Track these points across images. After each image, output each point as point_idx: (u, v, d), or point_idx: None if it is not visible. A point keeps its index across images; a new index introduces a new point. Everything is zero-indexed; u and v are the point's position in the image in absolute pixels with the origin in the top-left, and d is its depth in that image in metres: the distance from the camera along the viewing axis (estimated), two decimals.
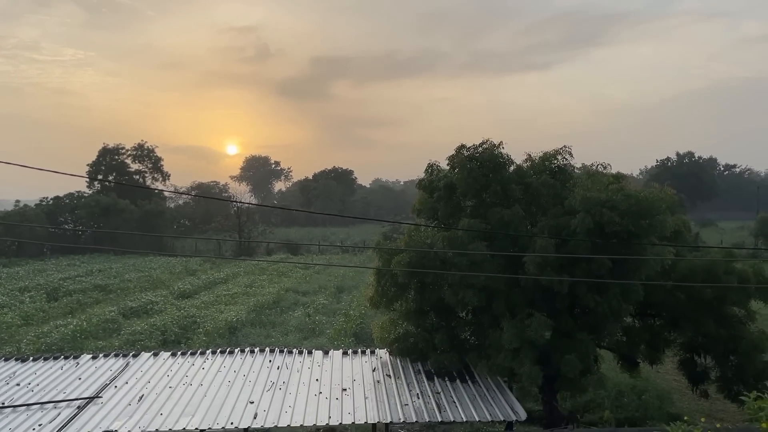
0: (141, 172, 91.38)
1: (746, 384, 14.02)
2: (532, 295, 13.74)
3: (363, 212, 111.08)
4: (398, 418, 12.32)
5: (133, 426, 11.33)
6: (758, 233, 63.18)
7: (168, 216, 79.51)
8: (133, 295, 36.98)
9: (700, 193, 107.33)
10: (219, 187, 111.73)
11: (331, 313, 32.52)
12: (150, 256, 57.07)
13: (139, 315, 31.65)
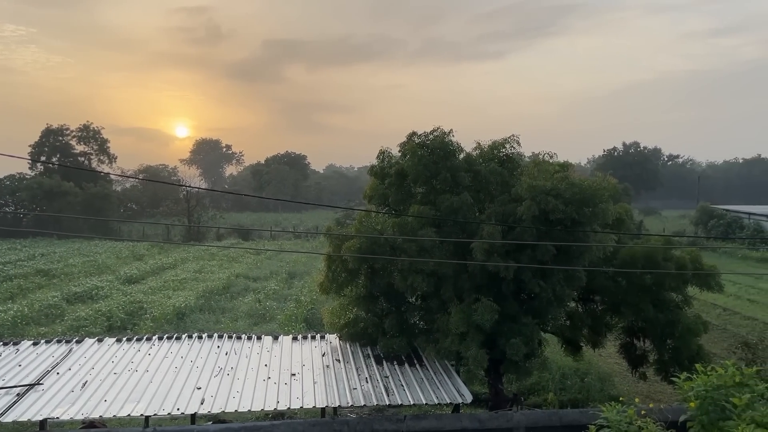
0: (86, 154, 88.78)
1: (682, 366, 14.61)
2: (479, 281, 14.00)
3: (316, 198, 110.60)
4: (347, 402, 12.42)
5: (76, 413, 11.11)
6: (698, 222, 65.54)
7: (114, 199, 77.53)
8: (78, 280, 36.07)
9: (645, 183, 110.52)
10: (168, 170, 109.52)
11: (282, 299, 32.41)
12: (95, 241, 55.64)
13: (84, 300, 30.91)
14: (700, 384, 6.26)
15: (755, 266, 46.87)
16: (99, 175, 75.93)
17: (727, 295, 32.94)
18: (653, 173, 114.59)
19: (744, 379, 6.33)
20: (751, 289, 36.58)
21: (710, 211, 65.28)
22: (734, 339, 23.48)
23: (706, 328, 15.59)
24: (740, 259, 50.26)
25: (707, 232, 60.80)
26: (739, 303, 33.17)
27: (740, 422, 5.67)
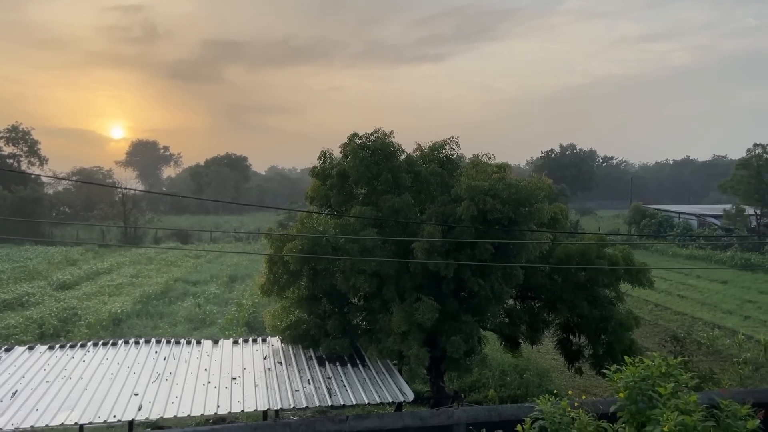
0: (15, 156, 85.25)
1: (615, 360, 15.13)
2: (421, 280, 14.17)
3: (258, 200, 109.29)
4: (288, 405, 12.36)
5: (6, 423, 10.69)
6: (631, 221, 67.90)
7: (46, 203, 74.66)
8: (7, 287, 34.56)
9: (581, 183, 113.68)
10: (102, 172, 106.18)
11: (223, 302, 31.93)
12: (26, 245, 53.47)
13: (14, 308, 29.67)
14: (628, 375, 6.53)
15: (684, 263, 48.93)
16: (29, 177, 72.99)
17: (658, 291, 34.32)
18: (589, 174, 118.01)
19: (669, 370, 6.64)
20: (681, 286, 38.16)
21: (642, 210, 67.77)
22: (665, 333, 24.45)
23: (637, 323, 16.21)
24: (670, 257, 52.34)
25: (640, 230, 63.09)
26: (670, 299, 34.57)
27: (665, 410, 5.95)
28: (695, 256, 50.86)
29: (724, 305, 32.47)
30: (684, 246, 54.68)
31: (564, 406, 6.55)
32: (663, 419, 5.80)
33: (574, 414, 6.56)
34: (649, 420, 6.11)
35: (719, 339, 24.88)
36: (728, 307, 31.93)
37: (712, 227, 59.70)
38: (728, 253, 49.01)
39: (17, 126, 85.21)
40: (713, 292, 36.06)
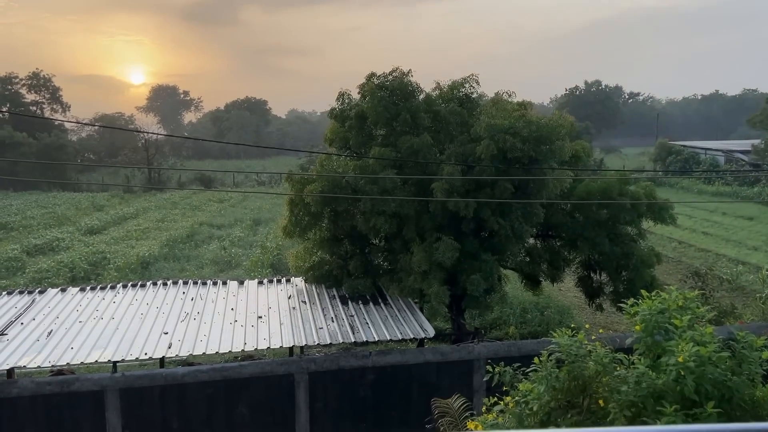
0: (38, 103, 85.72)
1: (636, 296, 15.20)
2: (440, 221, 14.24)
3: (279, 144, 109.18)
4: (313, 342, 12.72)
5: (43, 361, 11.18)
6: (656, 158, 66.80)
7: (70, 150, 75.50)
8: (37, 233, 35.41)
9: (606, 121, 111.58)
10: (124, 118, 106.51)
11: (247, 245, 32.41)
12: (53, 192, 54.39)
13: (45, 252, 30.47)
14: (645, 309, 6.58)
15: (710, 200, 48.32)
16: (53, 124, 73.55)
17: (682, 228, 34.05)
18: (614, 111, 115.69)
19: (686, 303, 6.67)
20: (706, 223, 37.78)
21: (668, 147, 66.54)
22: (688, 270, 24.39)
23: (659, 259, 16.21)
24: (696, 194, 51.64)
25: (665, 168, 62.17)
26: (694, 236, 34.30)
27: (681, 342, 6.02)
28: (721, 193, 50.12)
29: (750, 241, 32.16)
30: (710, 183, 53.85)
31: (580, 338, 6.66)
32: (678, 350, 5.88)
33: (590, 347, 6.67)
34: (664, 352, 6.19)
35: (743, 275, 24.78)
36: (753, 244, 31.63)
37: (739, 163, 58.58)
38: (755, 188, 48.22)
39: (38, 73, 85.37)
40: (738, 229, 35.67)
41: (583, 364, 6.50)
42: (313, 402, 12.44)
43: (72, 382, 11.39)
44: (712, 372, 5.91)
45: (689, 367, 5.80)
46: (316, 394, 12.48)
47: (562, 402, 6.63)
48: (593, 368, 6.48)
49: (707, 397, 5.94)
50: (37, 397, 11.11)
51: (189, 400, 11.92)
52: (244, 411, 12.12)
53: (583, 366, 6.49)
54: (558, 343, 6.64)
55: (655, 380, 5.98)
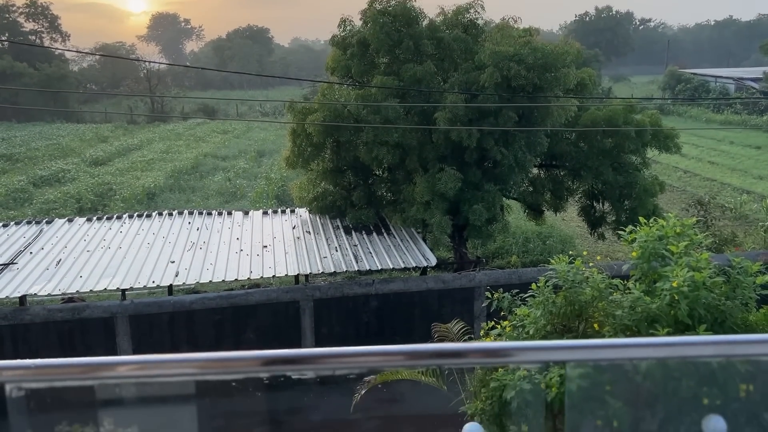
0: (37, 32, 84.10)
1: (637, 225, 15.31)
2: (443, 151, 14.19)
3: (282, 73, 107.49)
4: (318, 270, 12.95)
5: (53, 289, 11.44)
6: (665, 87, 65.66)
7: (72, 80, 74.62)
8: (43, 164, 35.50)
9: (616, 49, 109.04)
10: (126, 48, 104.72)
11: (252, 177, 32.46)
12: (57, 123, 54.17)
13: (51, 184, 30.63)
14: (642, 235, 6.65)
15: (718, 129, 47.76)
16: (53, 54, 72.45)
17: (688, 158, 33.85)
18: (624, 39, 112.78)
19: (684, 230, 6.74)
20: (713, 152, 37.50)
21: (678, 75, 65.30)
22: (692, 199, 24.40)
23: (662, 188, 16.20)
24: (704, 123, 51.02)
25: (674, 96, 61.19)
26: (700, 165, 34.12)
27: (676, 268, 6.12)
28: (730, 122, 49.45)
29: (756, 170, 31.99)
30: (719, 111, 53.08)
31: (578, 265, 6.76)
32: (673, 276, 5.97)
33: (587, 273, 6.78)
34: (660, 277, 6.30)
35: (747, 204, 24.78)
36: (759, 173, 31.46)
37: (750, 91, 57.57)
38: (765, 117, 47.54)
39: (35, 1, 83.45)
40: (745, 158, 35.43)
41: (579, 290, 6.63)
42: (318, 327, 12.77)
43: (83, 309, 11.69)
44: (705, 296, 6.02)
45: (683, 292, 5.91)
46: (321, 320, 12.80)
47: (558, 326, 6.80)
48: (589, 294, 6.61)
49: (700, 320, 6.08)
50: (49, 324, 11.44)
51: (198, 326, 12.25)
52: (251, 336, 12.48)
53: (580, 291, 6.63)
54: (556, 269, 6.76)
55: (650, 305, 6.11)
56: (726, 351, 1.66)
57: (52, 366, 1.63)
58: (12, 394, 1.72)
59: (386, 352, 1.78)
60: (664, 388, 5.94)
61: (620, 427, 6.01)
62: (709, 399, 5.73)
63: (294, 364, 1.82)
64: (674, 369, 5.86)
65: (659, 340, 1.70)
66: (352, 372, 1.95)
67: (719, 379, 5.72)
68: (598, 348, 1.78)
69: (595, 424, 6.14)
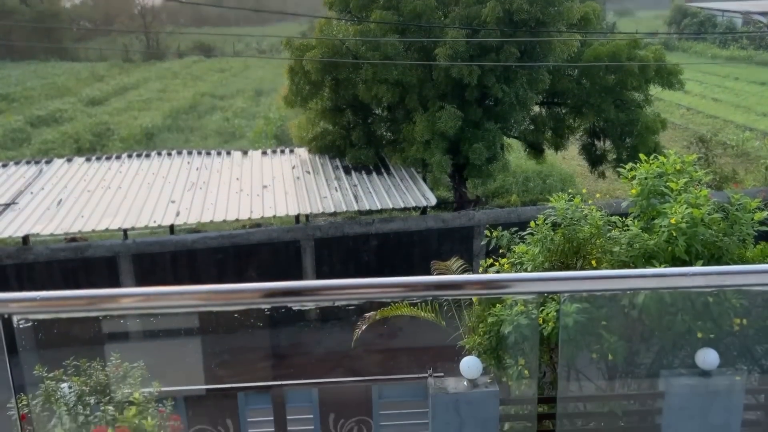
0: None
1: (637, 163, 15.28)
2: (444, 89, 14.01)
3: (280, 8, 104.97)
4: (318, 210, 13.00)
5: (55, 228, 11.52)
6: (671, 21, 64.26)
7: (65, 17, 72.99)
8: (39, 104, 35.14)
9: None
10: None
11: (250, 116, 32.20)
12: (51, 62, 53.31)
13: (48, 124, 30.40)
14: (642, 172, 6.65)
15: (723, 65, 46.99)
16: None
17: (692, 95, 33.45)
18: None
19: (684, 167, 6.73)
20: (717, 89, 37.01)
21: (684, 9, 63.81)
22: (694, 137, 24.24)
23: (664, 125, 16.08)
24: (710, 58, 50.16)
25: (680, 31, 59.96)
26: (704, 102, 33.74)
27: (674, 204, 6.14)
28: (735, 57, 48.59)
29: (760, 107, 31.64)
30: (724, 46, 52.14)
31: (577, 202, 6.78)
32: (671, 212, 6.00)
33: (586, 210, 6.81)
34: (658, 214, 6.32)
35: (749, 141, 24.64)
36: (763, 109, 31.13)
37: (757, 25, 56.36)
38: None
39: None
40: (750, 95, 34.99)
41: (578, 227, 6.67)
42: (319, 266, 12.92)
43: (85, 248, 11.80)
44: (703, 233, 6.06)
45: (681, 228, 5.95)
46: (322, 259, 12.93)
47: (556, 263, 6.87)
48: (588, 231, 6.65)
49: (697, 257, 6.13)
50: (53, 263, 11.58)
51: (200, 265, 12.39)
52: (253, 275, 12.63)
53: (578, 229, 6.67)
54: (555, 207, 6.78)
55: (647, 241, 6.16)
56: (718, 282, 1.69)
57: (57, 298, 1.67)
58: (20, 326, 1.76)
59: (385, 284, 1.82)
60: (659, 322, 6.05)
61: (615, 360, 6.16)
62: (703, 333, 5.85)
63: (295, 296, 1.86)
64: (670, 304, 5.96)
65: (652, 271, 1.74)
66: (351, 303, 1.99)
67: (713, 314, 5.82)
68: (593, 279, 1.81)
69: (590, 358, 6.30)
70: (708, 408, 5.55)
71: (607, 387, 6.68)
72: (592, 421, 6.81)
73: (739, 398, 5.69)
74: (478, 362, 5.97)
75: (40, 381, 5.00)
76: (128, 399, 5.03)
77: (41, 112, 32.06)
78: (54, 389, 5.00)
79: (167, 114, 31.67)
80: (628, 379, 6.54)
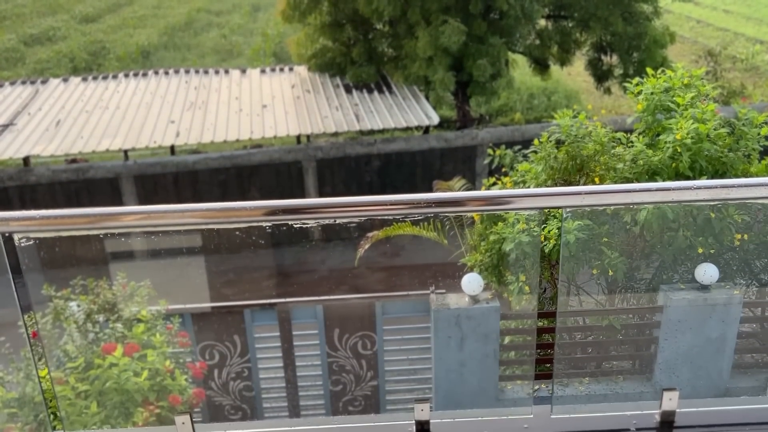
0: None
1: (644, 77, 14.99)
2: (447, 2, 13.57)
3: None
4: (319, 130, 12.88)
5: (55, 149, 11.47)
6: None
7: None
8: (31, 21, 34.21)
9: None
10: None
11: (248, 33, 31.41)
12: None
13: (42, 42, 29.70)
14: (648, 87, 6.50)
15: None
16: None
17: (702, 6, 32.43)
18: None
19: (692, 81, 6.57)
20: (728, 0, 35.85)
21: None
22: (702, 50, 23.66)
23: (672, 39, 15.68)
24: None
25: None
26: (714, 14, 32.73)
27: (680, 120, 6.04)
28: None
29: None
30: None
31: (581, 119, 6.68)
32: (677, 128, 5.92)
33: (590, 127, 6.71)
34: (664, 130, 6.24)
35: (759, 55, 24.07)
36: None
37: None
38: None
39: None
40: (763, 5, 33.86)
41: (582, 144, 6.59)
42: (322, 187, 12.92)
43: (87, 169, 11.78)
44: (708, 148, 5.99)
45: (686, 144, 5.88)
46: (324, 179, 12.92)
47: (559, 181, 6.83)
48: (591, 148, 6.58)
49: (701, 172, 6.09)
50: (55, 185, 11.59)
51: (202, 186, 12.40)
52: (255, 196, 12.66)
53: (582, 146, 6.59)
54: (559, 124, 6.68)
55: (651, 157, 6.10)
56: (722, 195, 1.67)
57: (58, 216, 1.66)
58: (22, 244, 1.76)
59: (386, 201, 1.80)
60: (660, 238, 6.09)
61: (615, 275, 6.24)
62: (704, 248, 5.89)
63: (296, 214, 1.85)
64: (672, 220, 5.97)
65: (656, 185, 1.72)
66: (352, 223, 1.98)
67: (715, 229, 5.84)
68: (596, 194, 1.79)
69: (590, 274, 6.37)
70: (705, 321, 5.67)
71: (606, 302, 6.79)
72: (591, 335, 6.97)
73: (737, 311, 5.80)
74: (479, 278, 6.05)
75: (48, 300, 5.10)
76: (136, 317, 5.14)
77: (34, 30, 31.27)
78: (63, 308, 5.10)
79: (163, 31, 30.88)
80: (627, 293, 6.64)
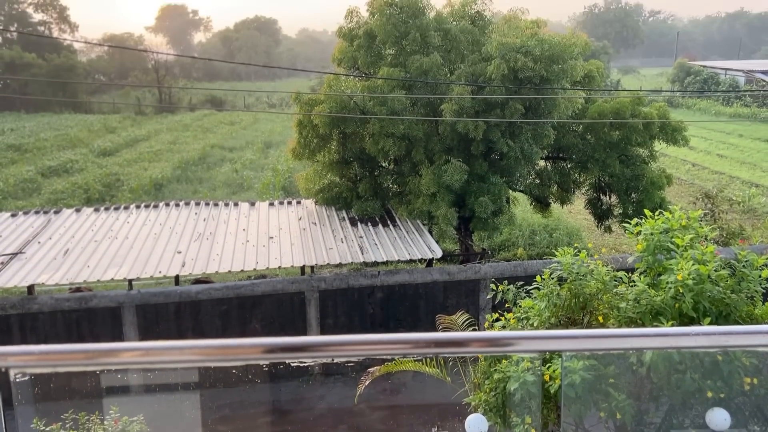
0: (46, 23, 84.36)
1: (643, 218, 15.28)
2: (450, 143, 14.18)
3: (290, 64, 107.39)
4: (323, 261, 12.98)
5: (61, 278, 11.52)
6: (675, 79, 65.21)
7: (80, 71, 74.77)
8: (51, 154, 35.66)
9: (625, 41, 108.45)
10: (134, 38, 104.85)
11: (259, 168, 32.56)
12: (65, 114, 54.36)
13: (59, 174, 30.79)
14: (648, 228, 6.64)
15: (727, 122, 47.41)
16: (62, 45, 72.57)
17: (697, 151, 33.68)
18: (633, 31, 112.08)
19: (689, 223, 6.72)
20: (721, 145, 37.28)
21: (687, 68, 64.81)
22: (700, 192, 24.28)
23: (669, 181, 16.15)
24: (713, 116, 50.69)
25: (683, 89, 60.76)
26: (709, 158, 33.94)
27: (681, 260, 6.10)
28: (739, 115, 49.14)
29: (765, 164, 31.80)
30: (728, 104, 52.74)
31: (582, 257, 6.76)
32: (677, 269, 5.96)
33: (592, 265, 6.78)
34: (665, 270, 6.29)
35: (755, 197, 24.67)
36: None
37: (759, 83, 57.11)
38: None
39: None
40: (755, 151, 35.21)
41: (584, 282, 6.63)
42: (324, 318, 12.82)
43: (90, 298, 11.77)
44: (710, 289, 6.01)
45: (688, 285, 5.90)
46: (327, 311, 12.84)
47: (562, 318, 6.81)
48: (594, 286, 6.61)
49: (705, 314, 6.06)
50: (57, 313, 11.54)
51: (204, 317, 12.32)
52: (257, 327, 12.54)
53: (585, 284, 6.62)
54: (561, 261, 6.76)
55: (654, 297, 6.10)
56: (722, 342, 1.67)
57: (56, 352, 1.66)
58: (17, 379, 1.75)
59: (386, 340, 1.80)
60: (668, 381, 5.94)
61: (624, 419, 6.02)
62: (713, 392, 5.73)
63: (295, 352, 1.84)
64: (678, 362, 5.86)
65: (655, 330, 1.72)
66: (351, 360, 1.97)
67: (723, 372, 5.71)
68: (596, 338, 1.79)
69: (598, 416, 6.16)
70: None
71: None
72: None
73: None
74: (483, 420, 5.85)
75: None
76: None
77: (52, 163, 32.52)
78: None
79: (177, 165, 32.07)
80: None
